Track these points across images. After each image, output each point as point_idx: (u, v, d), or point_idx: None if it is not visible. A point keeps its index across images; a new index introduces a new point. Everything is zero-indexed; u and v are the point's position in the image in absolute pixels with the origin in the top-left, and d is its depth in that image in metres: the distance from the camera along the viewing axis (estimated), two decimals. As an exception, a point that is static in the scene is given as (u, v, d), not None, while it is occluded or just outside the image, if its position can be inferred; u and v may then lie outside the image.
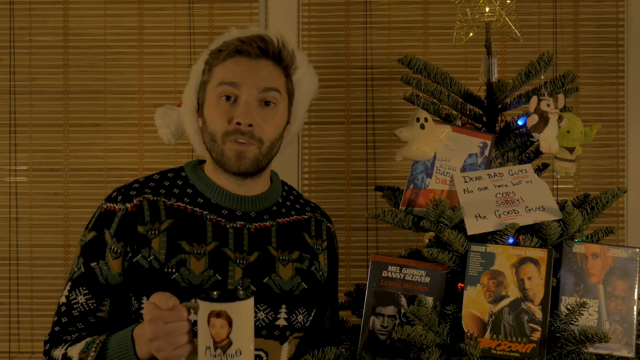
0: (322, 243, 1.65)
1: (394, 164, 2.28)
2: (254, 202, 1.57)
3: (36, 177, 2.30)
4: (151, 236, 1.48)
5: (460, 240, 1.45)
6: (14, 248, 2.29)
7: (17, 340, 2.29)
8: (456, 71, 2.19)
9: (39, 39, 2.30)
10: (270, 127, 1.52)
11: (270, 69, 1.53)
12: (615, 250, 1.47)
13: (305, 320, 1.56)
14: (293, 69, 1.59)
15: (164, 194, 1.54)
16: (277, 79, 1.54)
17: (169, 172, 1.60)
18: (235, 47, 1.51)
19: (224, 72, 1.51)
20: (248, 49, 1.51)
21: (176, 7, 2.30)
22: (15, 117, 2.30)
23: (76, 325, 1.47)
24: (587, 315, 1.43)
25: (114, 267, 1.48)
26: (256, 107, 1.50)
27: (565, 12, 2.28)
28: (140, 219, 1.50)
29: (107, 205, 1.53)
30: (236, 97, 1.50)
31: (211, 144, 1.52)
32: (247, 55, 1.51)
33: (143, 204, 1.51)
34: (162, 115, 1.67)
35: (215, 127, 1.51)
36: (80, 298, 1.48)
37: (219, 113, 1.50)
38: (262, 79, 1.51)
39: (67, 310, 1.48)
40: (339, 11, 2.31)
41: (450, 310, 1.43)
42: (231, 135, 1.49)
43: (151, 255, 1.47)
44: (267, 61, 1.53)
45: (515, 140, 1.63)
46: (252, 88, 1.50)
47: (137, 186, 1.55)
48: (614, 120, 2.28)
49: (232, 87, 1.50)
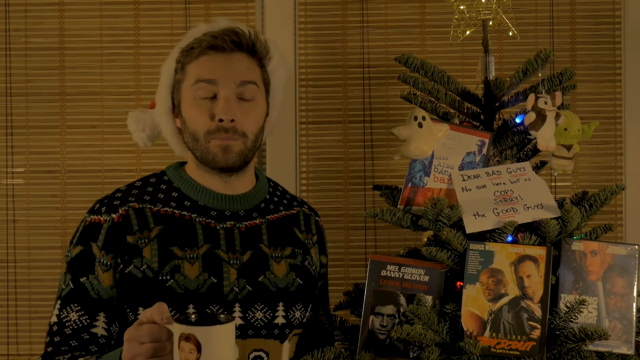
0: (312, 237, 1.64)
1: (392, 162, 2.28)
2: (242, 200, 1.56)
3: (33, 179, 2.30)
4: (141, 245, 1.46)
5: (459, 238, 1.45)
6: (11, 250, 2.28)
7: (16, 343, 2.28)
8: (453, 69, 2.19)
9: (35, 41, 2.30)
10: (251, 120, 1.50)
11: (245, 62, 1.51)
12: (614, 247, 1.47)
13: (302, 317, 1.56)
14: (267, 59, 1.56)
15: (149, 200, 1.51)
16: (253, 72, 1.51)
17: (151, 177, 1.57)
18: (208, 43, 1.48)
19: (199, 69, 1.48)
20: (222, 43, 1.48)
21: (172, 7, 2.30)
22: (12, 119, 2.29)
23: (69, 343, 1.43)
24: (587, 313, 1.43)
25: (104, 280, 1.45)
26: (236, 102, 1.48)
27: (562, 10, 2.28)
28: (129, 228, 1.47)
29: (92, 218, 1.49)
30: (215, 93, 1.47)
31: (194, 143, 1.50)
32: (221, 50, 1.48)
33: (129, 213, 1.48)
34: (135, 120, 1.63)
35: (196, 126, 1.48)
36: (72, 315, 1.44)
37: (198, 111, 1.47)
38: (238, 73, 1.48)
39: (59, 329, 1.44)
40: (335, 10, 2.31)
41: (450, 308, 1.42)
42: (214, 134, 1.47)
43: (144, 265, 1.45)
44: (242, 54, 1.51)
45: (513, 138, 1.63)
46: (229, 82, 1.47)
47: (120, 195, 1.52)
48: (611, 117, 2.28)
49: (209, 84, 1.47)
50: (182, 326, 1.09)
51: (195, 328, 1.09)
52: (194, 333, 1.08)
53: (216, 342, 1.09)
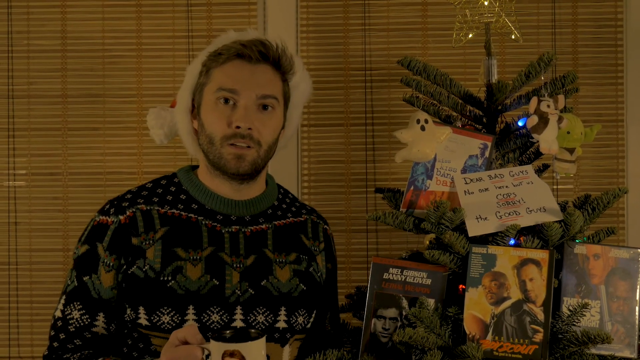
0: (319, 245, 1.64)
1: (394, 165, 2.28)
2: (249, 205, 1.56)
3: (35, 182, 2.30)
4: (145, 246, 1.48)
5: (461, 241, 1.45)
6: (13, 252, 2.28)
7: (17, 345, 2.28)
8: (456, 72, 2.19)
9: (37, 43, 2.30)
10: (267, 130, 1.52)
11: (269, 74, 1.53)
12: (616, 250, 1.47)
13: (305, 322, 1.56)
14: (291, 74, 1.58)
15: (157, 202, 1.53)
16: (275, 86, 1.54)
17: (162, 180, 1.59)
18: (237, 51, 1.50)
19: (223, 76, 1.51)
20: (249, 53, 1.50)
21: (174, 10, 2.30)
22: (14, 121, 2.29)
23: (74, 342, 1.47)
24: (589, 316, 1.43)
25: (106, 280, 1.47)
26: (255, 111, 1.50)
27: (564, 13, 2.28)
28: (134, 230, 1.49)
29: (100, 219, 1.52)
30: (235, 100, 1.50)
31: (209, 146, 1.51)
32: (248, 59, 1.51)
33: (136, 215, 1.50)
34: (155, 116, 1.65)
35: (213, 130, 1.50)
36: (75, 313, 1.47)
37: (217, 116, 1.50)
38: (261, 85, 1.50)
39: (63, 325, 1.48)
40: (337, 13, 2.31)
41: (452, 312, 1.42)
42: (230, 139, 1.49)
43: (146, 265, 1.46)
44: (267, 66, 1.53)
45: (515, 141, 1.62)
46: (251, 93, 1.49)
47: (130, 197, 1.54)
48: (613, 120, 2.27)
49: (231, 92, 1.49)
50: (226, 344, 1.21)
51: (238, 345, 1.21)
52: (238, 349, 1.20)
53: (257, 355, 1.22)
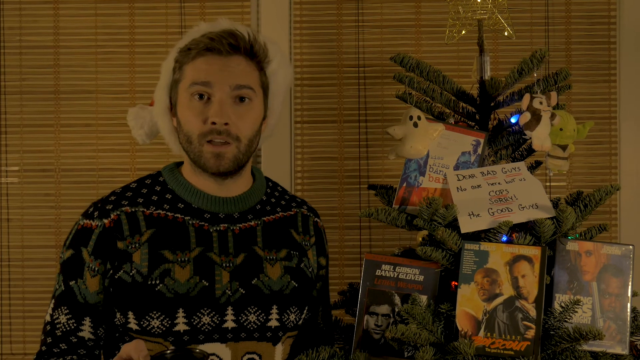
0: (310, 239, 1.62)
1: (387, 162, 2.28)
2: (236, 202, 1.54)
3: (27, 178, 2.29)
4: (131, 250, 1.45)
5: (453, 238, 1.45)
6: (5, 249, 2.27)
7: (9, 342, 2.27)
8: (449, 69, 2.18)
9: (30, 39, 2.29)
10: (246, 124, 1.48)
11: (242, 65, 1.49)
12: (608, 247, 1.47)
13: (297, 319, 1.55)
14: (266, 62, 1.53)
15: (142, 203, 1.50)
16: (249, 76, 1.50)
17: (147, 179, 1.56)
18: (205, 45, 1.46)
19: (195, 71, 1.47)
20: (218, 46, 1.46)
21: (167, 6, 2.29)
22: (6, 117, 2.28)
23: (59, 346, 1.46)
24: (581, 313, 1.43)
25: (91, 285, 1.46)
26: (230, 104, 1.46)
27: (557, 10, 2.28)
28: (119, 234, 1.46)
29: (84, 222, 1.49)
30: (209, 95, 1.46)
31: (187, 145, 1.49)
32: (218, 52, 1.47)
33: (121, 218, 1.47)
34: (134, 116, 1.62)
35: (190, 128, 1.47)
36: (62, 318, 1.46)
37: (193, 113, 1.46)
38: (234, 77, 1.47)
39: (51, 329, 1.47)
40: (330, 9, 2.30)
41: (444, 308, 1.42)
42: (207, 136, 1.45)
43: (133, 270, 1.44)
44: (239, 57, 1.49)
45: (508, 138, 1.63)
46: (224, 86, 1.46)
47: (114, 199, 1.51)
48: (606, 117, 2.28)
49: (204, 86, 1.46)
50: None
51: None
52: None
53: None
